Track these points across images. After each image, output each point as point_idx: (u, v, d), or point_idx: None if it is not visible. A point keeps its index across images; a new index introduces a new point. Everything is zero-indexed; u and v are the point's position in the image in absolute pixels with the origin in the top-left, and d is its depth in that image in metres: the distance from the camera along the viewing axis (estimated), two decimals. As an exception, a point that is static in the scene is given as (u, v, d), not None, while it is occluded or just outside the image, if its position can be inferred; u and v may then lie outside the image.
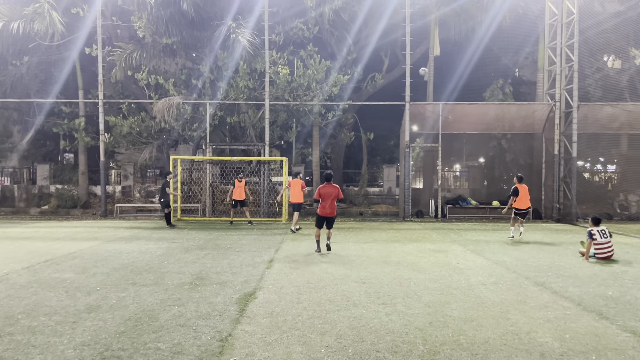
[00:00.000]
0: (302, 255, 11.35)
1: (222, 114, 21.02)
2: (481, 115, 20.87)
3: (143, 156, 21.70)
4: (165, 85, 20.58)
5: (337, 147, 25.67)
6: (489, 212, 21.35)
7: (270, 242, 13.58)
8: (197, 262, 10.39)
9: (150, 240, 13.78)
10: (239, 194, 17.89)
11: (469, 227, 17.69)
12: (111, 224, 18.13)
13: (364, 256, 11.25)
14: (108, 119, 20.91)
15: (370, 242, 13.74)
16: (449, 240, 14.05)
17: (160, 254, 11.43)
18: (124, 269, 9.62)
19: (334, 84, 20.41)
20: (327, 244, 11.83)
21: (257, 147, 20.99)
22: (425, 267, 9.90)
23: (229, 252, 11.64)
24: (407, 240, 14.03)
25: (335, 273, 9.25)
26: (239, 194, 17.90)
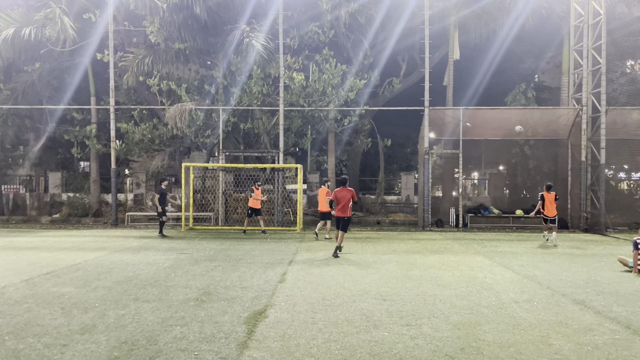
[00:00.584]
0: (317, 267, 10.67)
1: (236, 120, 20.50)
2: (503, 121, 20.06)
3: (155, 164, 21.23)
4: (178, 91, 20.13)
5: (353, 154, 24.98)
6: (511, 221, 20.47)
7: (284, 253, 12.93)
8: (205, 275, 9.77)
9: (159, 250, 13.22)
10: (255, 202, 17.29)
11: (492, 237, 16.86)
12: (121, 233, 17.64)
13: (383, 269, 10.53)
14: (120, 126, 20.50)
15: (389, 253, 13.02)
16: (473, 252, 13.27)
17: (168, 265, 10.83)
18: (127, 282, 9.03)
19: (351, 88, 19.78)
20: (335, 250, 12.31)
21: (271, 154, 20.40)
22: (450, 282, 9.15)
23: (240, 264, 11.01)
24: (428, 252, 13.28)
25: (352, 288, 8.55)
26: (255, 201, 17.30)
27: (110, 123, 20.28)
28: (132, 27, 21.10)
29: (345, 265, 11.03)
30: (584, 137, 19.18)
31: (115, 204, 20.12)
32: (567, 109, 19.91)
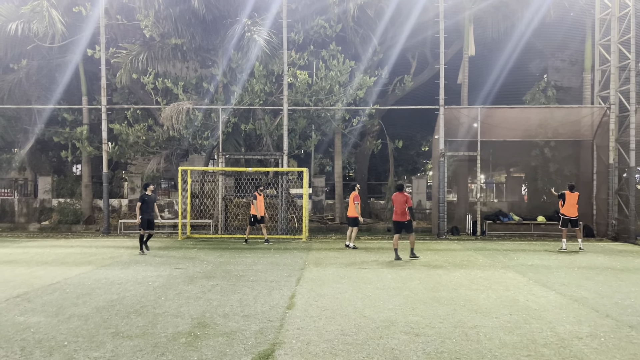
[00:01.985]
0: (329, 287, 9.29)
1: (236, 121, 19.15)
2: (523, 121, 18.70)
3: (150, 167, 19.88)
4: (174, 89, 18.79)
5: (361, 156, 23.59)
6: (532, 228, 19.08)
7: (290, 267, 11.55)
8: (201, 297, 8.40)
9: (150, 265, 11.84)
10: (259, 208, 15.95)
11: (515, 248, 15.47)
12: (112, 243, 16.26)
13: (406, 289, 9.15)
14: (112, 127, 19.16)
15: (408, 267, 11.64)
16: (501, 266, 11.88)
17: (159, 285, 9.46)
18: (109, 308, 7.66)
19: (359, 86, 18.41)
20: (411, 254, 13.03)
21: (274, 156, 19.03)
22: (488, 308, 7.77)
23: (241, 283, 9.63)
24: (450, 265, 11.90)
25: (375, 317, 7.17)
26: (259, 208, 15.97)
27: (102, 124, 18.89)
28: (126, 20, 19.77)
29: (361, 284, 9.65)
30: (612, 138, 17.78)
31: (107, 210, 18.76)
32: (593, 107, 18.54)
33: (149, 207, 13.59)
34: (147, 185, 13.84)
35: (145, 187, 13.81)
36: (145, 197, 13.60)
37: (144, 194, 13.67)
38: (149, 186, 13.82)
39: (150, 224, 13.75)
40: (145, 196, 13.61)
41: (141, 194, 14.08)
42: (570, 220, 14.76)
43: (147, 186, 13.81)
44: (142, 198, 13.56)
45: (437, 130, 18.76)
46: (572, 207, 14.72)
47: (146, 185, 13.84)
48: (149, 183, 13.96)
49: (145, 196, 13.61)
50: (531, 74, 22.48)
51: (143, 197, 13.58)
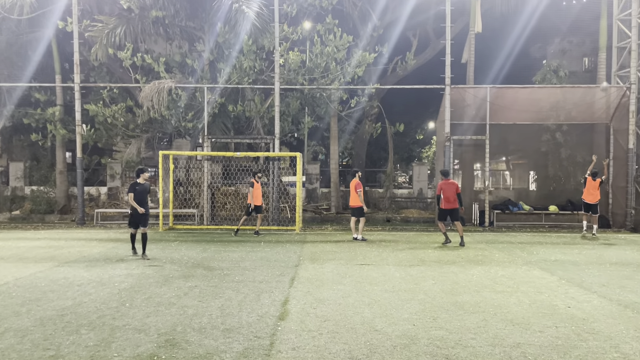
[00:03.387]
0: (329, 290, 7.81)
1: (223, 101, 17.53)
2: (535, 102, 17.24)
3: (129, 152, 18.27)
4: (155, 66, 17.12)
5: (359, 141, 22.03)
6: (544, 219, 17.71)
7: (282, 264, 10.07)
8: (174, 304, 6.90)
9: (122, 261, 10.30)
10: (256, 197, 14.45)
11: (530, 240, 14.08)
12: (85, 235, 14.69)
13: (420, 292, 7.70)
14: (87, 108, 17.48)
15: (417, 263, 10.20)
16: (522, 262, 10.47)
17: (126, 286, 7.94)
18: (57, 319, 6.15)
19: (358, 64, 16.84)
20: (460, 242, 12.59)
21: (265, 140, 17.47)
22: (526, 317, 6.34)
23: (225, 284, 8.14)
24: (464, 261, 10.47)
25: (390, 332, 5.72)
26: (258, 196, 14.47)
27: (75, 104, 17.21)
28: (102, -10, 18.02)
29: (366, 284, 8.19)
30: (632, 121, 16.39)
31: (82, 199, 17.15)
32: (609, 87, 17.10)
33: (141, 199, 10.54)
34: (142, 170, 10.74)
35: (139, 173, 10.72)
36: (136, 186, 10.53)
37: (135, 182, 10.62)
38: (143, 172, 10.72)
39: (143, 218, 10.59)
40: (136, 185, 10.55)
41: (131, 182, 11.08)
42: (588, 205, 14.63)
43: (140, 172, 10.71)
44: (133, 187, 10.52)
45: (441, 113, 17.29)
46: (590, 193, 14.51)
47: (140, 172, 10.73)
48: (143, 168, 10.82)
49: (137, 185, 10.55)
50: (542, 53, 20.99)
51: (134, 187, 10.52)
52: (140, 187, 10.60)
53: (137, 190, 10.53)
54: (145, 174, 10.81)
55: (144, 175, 10.77)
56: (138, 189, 10.55)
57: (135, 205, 10.42)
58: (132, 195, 10.48)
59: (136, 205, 10.43)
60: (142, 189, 10.61)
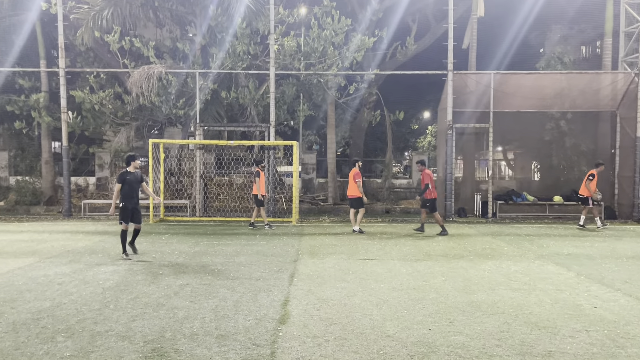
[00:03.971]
0: (332, 287, 7.20)
1: (216, 88, 16.80)
2: (539, 89, 16.61)
3: (118, 140, 17.52)
4: (145, 51, 16.35)
5: (357, 130, 21.34)
6: (548, 210, 17.17)
7: (280, 259, 9.44)
8: (163, 305, 6.27)
9: (108, 256, 9.63)
10: (262, 187, 13.80)
11: (536, 232, 13.52)
12: (71, 228, 13.99)
13: (431, 290, 7.10)
14: (74, 94, 16.71)
15: (423, 258, 9.61)
16: (533, 256, 9.90)
17: (112, 284, 7.29)
18: (32, 324, 5.51)
19: (357, 48, 16.14)
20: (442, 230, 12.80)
21: (259, 128, 16.78)
22: (551, 320, 5.75)
23: (219, 281, 7.50)
24: (473, 255, 9.89)
25: (404, 337, 5.12)
26: (262, 186, 13.81)
27: (60, 90, 16.41)
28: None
29: (371, 282, 7.58)
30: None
31: (68, 189, 16.41)
32: (616, 74, 16.53)
33: (132, 190, 9.41)
34: (133, 158, 9.63)
35: (129, 161, 9.61)
36: (126, 175, 9.39)
37: (125, 171, 9.49)
38: (134, 160, 9.61)
39: (135, 214, 9.50)
40: (126, 174, 9.40)
41: (120, 171, 9.82)
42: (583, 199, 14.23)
43: (131, 159, 9.60)
44: (122, 177, 9.37)
45: (443, 100, 16.67)
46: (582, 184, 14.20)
47: (130, 159, 9.62)
48: (134, 155, 9.74)
49: (127, 174, 9.39)
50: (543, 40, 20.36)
51: (123, 176, 9.37)
52: (130, 176, 9.39)
53: (127, 180, 9.32)
54: (136, 161, 9.65)
55: (135, 163, 9.60)
56: (129, 178, 9.35)
57: (116, 198, 9.37)
58: (119, 186, 9.32)
59: (114, 200, 9.43)
60: (132, 179, 9.40)
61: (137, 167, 9.68)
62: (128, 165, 9.61)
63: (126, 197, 9.36)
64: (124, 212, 9.36)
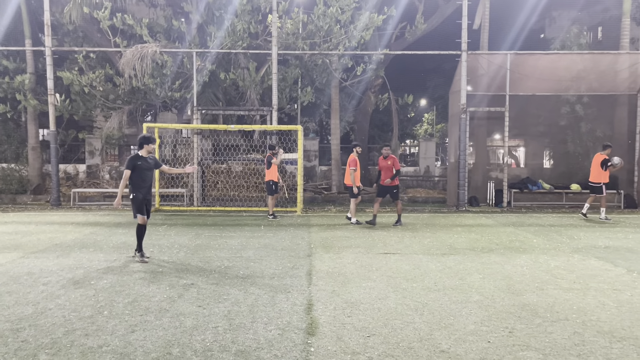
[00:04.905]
0: (358, 287, 6.29)
1: (214, 69, 15.76)
2: (558, 71, 15.72)
3: (109, 126, 16.45)
4: (137, 29, 15.27)
5: (361, 115, 20.33)
6: (565, 198, 16.36)
7: (292, 253, 8.52)
8: (167, 310, 5.34)
9: (101, 250, 8.67)
10: (275, 174, 12.87)
11: (560, 222, 12.70)
12: (60, 218, 12.98)
13: (472, 290, 6.23)
14: (61, 75, 15.62)
15: (448, 251, 8.72)
16: (568, 249, 9.04)
17: (105, 285, 6.35)
18: (11, 337, 4.58)
19: (365, 27, 15.14)
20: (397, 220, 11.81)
21: (261, 112, 15.78)
22: (627, 328, 4.91)
23: (228, 280, 6.58)
24: (502, 248, 9.03)
25: (463, 354, 4.23)
26: (275, 173, 12.88)
27: (47, 70, 15.29)
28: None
29: (400, 280, 6.69)
30: (665, 91, 14.99)
31: (56, 177, 15.37)
32: (637, 54, 15.66)
33: (143, 179, 7.82)
34: (147, 140, 7.88)
35: (142, 143, 7.87)
36: (137, 161, 7.75)
37: (136, 155, 7.86)
38: (148, 142, 7.88)
39: (146, 205, 7.99)
40: (137, 160, 7.76)
41: (130, 155, 7.99)
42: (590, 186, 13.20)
43: (144, 142, 7.86)
44: (132, 163, 7.74)
45: (455, 82, 15.74)
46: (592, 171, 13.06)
47: (144, 141, 7.87)
48: (149, 137, 7.93)
49: (138, 160, 7.78)
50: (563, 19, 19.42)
51: (133, 162, 7.74)
52: (142, 162, 7.77)
53: (138, 167, 7.72)
54: (150, 144, 7.90)
55: (148, 147, 7.88)
56: (139, 164, 7.74)
57: (120, 189, 7.82)
58: (128, 173, 7.71)
59: (121, 189, 7.81)
60: (144, 165, 7.79)
61: (151, 151, 8.02)
62: (140, 148, 7.91)
63: (136, 186, 7.77)
64: (135, 203, 7.82)
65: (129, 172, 7.74)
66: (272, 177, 12.87)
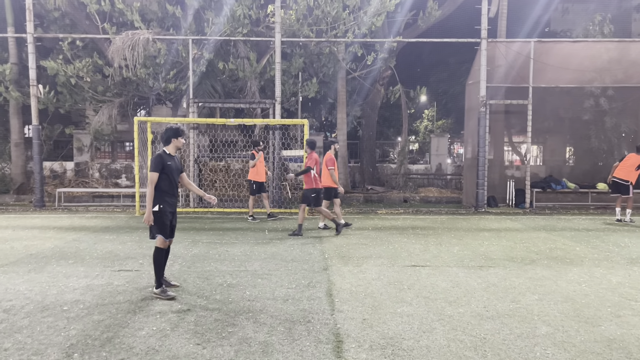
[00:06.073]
0: (393, 314, 5.10)
1: (212, 58, 14.51)
2: (581, 60, 14.53)
3: (98, 120, 15.17)
4: (128, 14, 14.01)
5: (369, 109, 19.06)
6: (590, 199, 15.21)
7: (305, 266, 7.31)
8: (157, 352, 4.15)
9: (82, 262, 7.44)
10: (259, 173, 11.68)
11: (595, 226, 11.52)
12: (41, 222, 11.73)
13: (535, 317, 5.05)
14: (45, 65, 14.36)
15: (485, 263, 7.54)
16: (622, 259, 7.87)
17: (80, 313, 5.13)
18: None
19: (377, 12, 13.91)
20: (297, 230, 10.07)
21: (262, 105, 14.54)
22: None
23: (232, 306, 5.37)
24: (545, 259, 7.85)
25: None
26: (259, 172, 11.68)
27: (29, 59, 14.00)
28: None
29: (444, 304, 5.50)
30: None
31: (40, 176, 14.10)
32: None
33: (172, 185, 5.84)
34: (176, 133, 5.91)
35: (169, 137, 5.89)
36: (166, 160, 5.74)
37: (163, 153, 5.82)
38: (177, 136, 5.91)
39: (172, 221, 5.91)
40: (166, 159, 5.76)
41: (157, 152, 5.93)
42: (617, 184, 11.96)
43: (173, 135, 5.89)
44: (161, 163, 5.69)
45: (473, 73, 14.56)
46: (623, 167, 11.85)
47: (172, 134, 5.89)
48: (178, 129, 5.93)
49: (167, 159, 5.78)
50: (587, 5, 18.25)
51: (162, 161, 5.70)
52: (172, 162, 5.81)
53: (167, 168, 5.71)
54: (180, 138, 5.93)
55: (177, 142, 5.92)
56: (169, 165, 5.74)
57: (150, 201, 5.61)
58: (156, 176, 5.65)
59: (150, 201, 5.61)
60: (173, 167, 5.82)
61: (181, 147, 6.05)
62: (167, 143, 5.90)
63: (164, 194, 5.74)
64: (161, 219, 5.71)
65: (156, 175, 5.65)
66: (253, 176, 11.66)
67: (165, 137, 5.90)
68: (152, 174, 5.64)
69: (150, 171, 5.69)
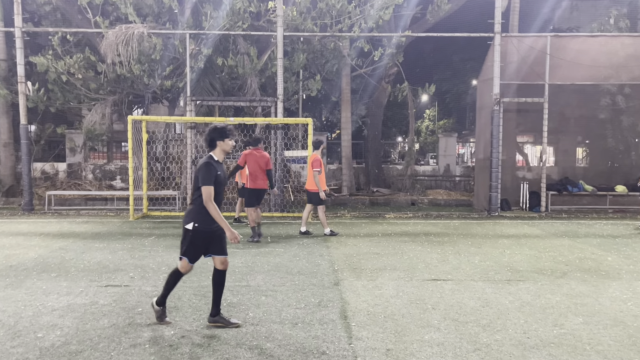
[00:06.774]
0: (419, 340, 4.39)
1: (210, 54, 13.77)
2: (598, 56, 13.80)
3: (91, 119, 14.42)
4: (122, 6, 13.27)
5: (374, 107, 18.31)
6: (608, 202, 14.50)
7: (313, 280, 6.58)
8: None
9: (66, 276, 6.70)
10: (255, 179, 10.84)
11: (620, 232, 10.82)
12: (28, 227, 10.99)
13: (585, 347, 4.35)
14: (35, 61, 13.62)
15: (512, 276, 6.82)
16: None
17: (56, 341, 4.40)
18: None
19: (384, 5, 13.18)
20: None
21: (264, 103, 13.80)
22: None
23: (233, 332, 4.64)
24: (577, 271, 7.13)
25: None
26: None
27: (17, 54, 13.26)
28: None
29: (476, 327, 4.79)
30: None
31: (28, 178, 13.36)
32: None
33: (219, 198, 4.79)
34: (225, 133, 4.79)
35: (214, 140, 4.79)
36: (216, 170, 4.66)
37: (211, 159, 4.74)
38: (225, 137, 4.79)
39: (216, 240, 4.92)
40: (216, 167, 4.68)
41: (203, 159, 4.78)
42: None
43: (223, 136, 4.79)
44: (213, 172, 4.63)
45: (485, 70, 13.85)
46: None
47: (219, 135, 4.78)
48: (225, 129, 4.80)
49: (217, 168, 4.70)
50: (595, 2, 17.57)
51: (213, 171, 4.63)
52: (220, 171, 4.74)
53: (217, 179, 4.66)
54: (227, 140, 4.78)
55: (224, 145, 4.79)
56: (219, 175, 4.69)
57: (223, 220, 4.69)
58: (212, 190, 4.60)
59: (223, 219, 4.69)
60: (222, 178, 4.76)
61: (229, 150, 4.87)
62: (212, 147, 4.82)
63: (204, 210, 4.67)
64: (196, 241, 4.77)
65: (212, 188, 4.61)
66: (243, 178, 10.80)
67: (210, 139, 4.78)
68: (208, 188, 4.57)
69: (202, 185, 4.58)
